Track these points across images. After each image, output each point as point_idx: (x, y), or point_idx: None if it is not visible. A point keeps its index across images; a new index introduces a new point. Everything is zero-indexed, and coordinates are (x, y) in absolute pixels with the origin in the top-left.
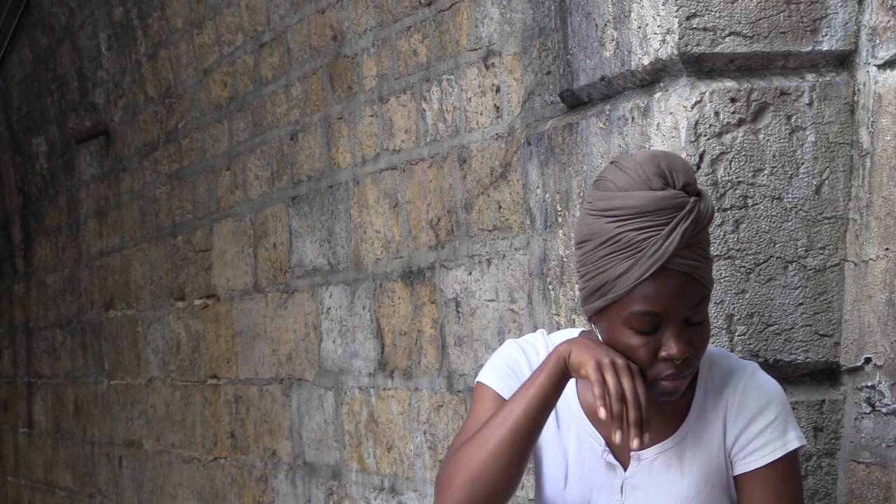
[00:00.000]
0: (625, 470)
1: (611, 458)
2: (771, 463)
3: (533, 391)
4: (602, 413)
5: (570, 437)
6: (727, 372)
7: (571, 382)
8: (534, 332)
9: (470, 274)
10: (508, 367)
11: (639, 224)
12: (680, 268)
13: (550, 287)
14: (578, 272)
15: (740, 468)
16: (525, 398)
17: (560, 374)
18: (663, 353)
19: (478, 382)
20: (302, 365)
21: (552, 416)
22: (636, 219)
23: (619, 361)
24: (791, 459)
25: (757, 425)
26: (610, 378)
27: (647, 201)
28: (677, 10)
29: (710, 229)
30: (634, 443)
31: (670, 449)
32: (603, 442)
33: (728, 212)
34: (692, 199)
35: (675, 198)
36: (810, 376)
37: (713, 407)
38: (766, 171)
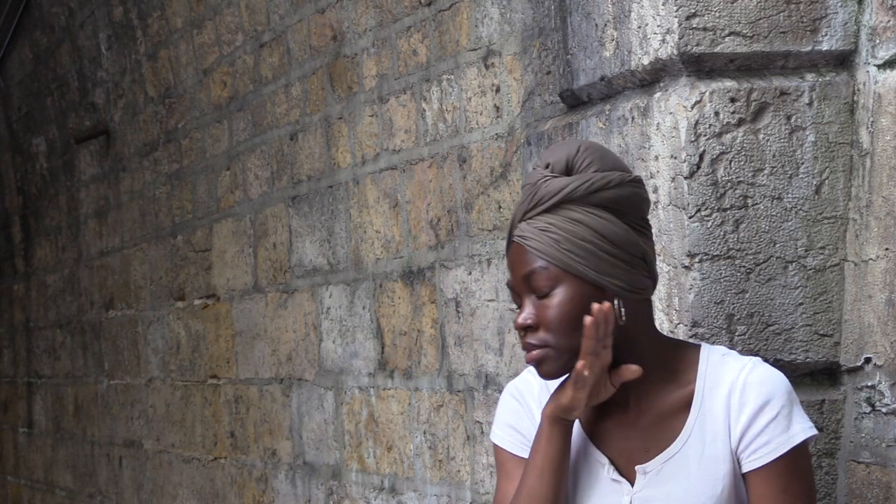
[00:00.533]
0: (632, 486)
1: (616, 475)
2: (776, 459)
3: (540, 461)
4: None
5: (573, 461)
6: (726, 369)
7: None
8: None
9: (470, 274)
10: (510, 425)
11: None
12: (515, 239)
13: None
14: None
15: (746, 466)
16: (536, 470)
17: (559, 433)
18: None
19: (493, 444)
20: (302, 365)
21: None
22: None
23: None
24: (798, 453)
25: (760, 422)
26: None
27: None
28: (677, 10)
29: (708, 228)
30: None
31: (674, 456)
32: (606, 460)
33: (728, 212)
34: (541, 176)
35: (531, 177)
36: (810, 376)
37: (715, 407)
38: (765, 171)
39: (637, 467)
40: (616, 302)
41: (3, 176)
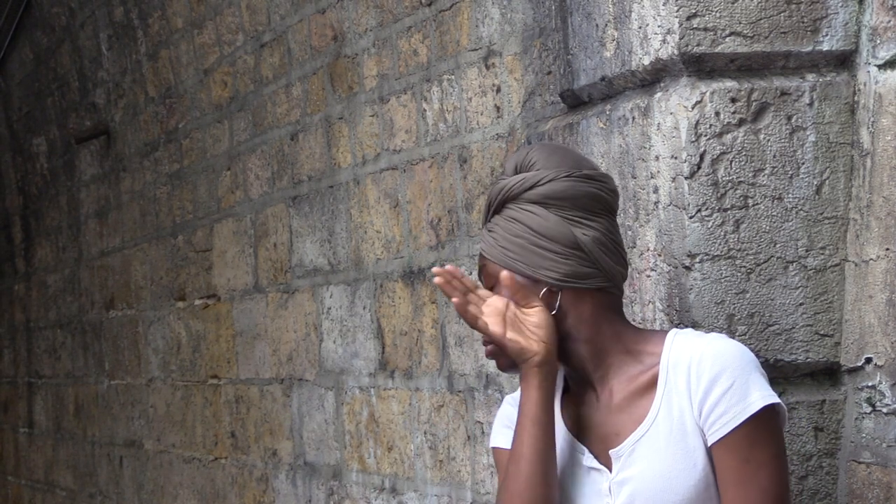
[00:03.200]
0: (610, 471)
1: (594, 462)
2: (735, 429)
3: (521, 419)
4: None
5: (558, 454)
6: (688, 346)
7: (556, 405)
8: None
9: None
10: (506, 421)
11: None
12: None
13: None
14: None
15: (710, 439)
16: (519, 427)
17: (537, 384)
18: None
19: (492, 449)
20: (302, 365)
21: None
22: None
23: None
24: (758, 422)
25: (715, 393)
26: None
27: None
28: (678, 10)
29: (709, 228)
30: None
31: (645, 435)
32: (585, 450)
33: (728, 212)
34: (498, 181)
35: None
36: (811, 376)
37: (677, 383)
38: (766, 171)
39: (611, 452)
40: (547, 291)
41: (4, 176)
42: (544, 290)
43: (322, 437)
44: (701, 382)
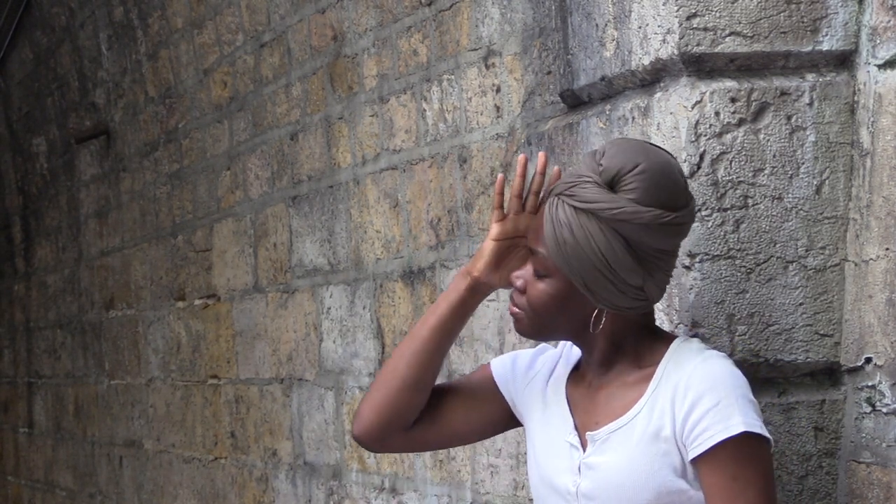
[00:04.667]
0: (583, 452)
1: (574, 439)
2: (717, 446)
3: (434, 305)
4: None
5: (552, 421)
6: (685, 358)
7: (564, 375)
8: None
9: None
10: (513, 358)
11: None
12: (549, 198)
13: None
14: None
15: (691, 453)
16: (427, 312)
17: (457, 288)
18: None
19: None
20: (302, 365)
21: (539, 402)
22: None
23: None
24: (744, 443)
25: (699, 409)
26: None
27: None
28: (677, 10)
29: (709, 228)
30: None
31: (621, 428)
32: (571, 426)
33: (728, 212)
34: (588, 174)
35: (585, 164)
36: (811, 376)
37: (665, 391)
38: (766, 171)
39: (587, 434)
40: (597, 312)
41: (4, 176)
42: (595, 310)
43: (322, 436)
44: (687, 397)
